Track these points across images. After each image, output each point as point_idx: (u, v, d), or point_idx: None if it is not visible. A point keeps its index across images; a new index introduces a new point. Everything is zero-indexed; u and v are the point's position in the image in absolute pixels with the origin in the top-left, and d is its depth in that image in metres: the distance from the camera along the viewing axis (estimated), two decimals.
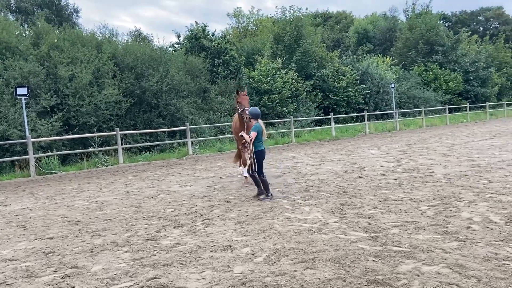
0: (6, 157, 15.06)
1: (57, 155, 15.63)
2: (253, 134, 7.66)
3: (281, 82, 25.47)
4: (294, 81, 26.40)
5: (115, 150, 16.82)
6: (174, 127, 20.02)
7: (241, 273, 4.12)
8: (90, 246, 5.47)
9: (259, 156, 7.78)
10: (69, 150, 16.70)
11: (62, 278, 4.37)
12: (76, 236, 6.08)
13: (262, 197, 7.77)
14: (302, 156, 15.46)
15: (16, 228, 6.93)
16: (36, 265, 4.87)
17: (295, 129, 23.13)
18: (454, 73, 37.93)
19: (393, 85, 30.26)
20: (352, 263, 4.17)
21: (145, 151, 18.76)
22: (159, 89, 19.86)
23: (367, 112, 27.80)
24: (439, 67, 38.25)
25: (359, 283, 3.68)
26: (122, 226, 6.48)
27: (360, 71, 31.42)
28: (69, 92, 16.96)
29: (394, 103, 30.62)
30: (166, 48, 27.65)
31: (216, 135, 22.05)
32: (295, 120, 23.98)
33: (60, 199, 9.46)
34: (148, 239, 5.61)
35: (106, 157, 16.39)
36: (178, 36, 29.68)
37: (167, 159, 17.52)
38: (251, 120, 7.93)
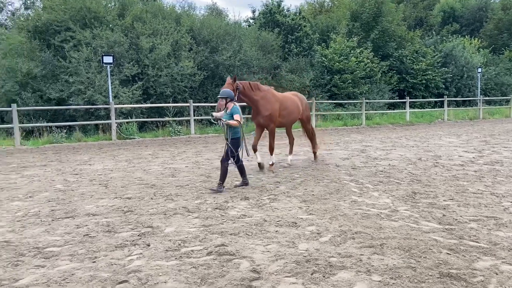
0: (91, 121, 16.36)
1: (135, 121, 16.67)
2: (238, 116, 6.92)
3: (355, 61, 24.56)
4: (369, 61, 25.34)
5: (188, 121, 17.53)
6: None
7: (306, 250, 4.14)
8: (164, 209, 5.81)
9: (237, 143, 7.01)
10: (147, 118, 17.69)
11: (138, 235, 4.70)
12: (151, 199, 6.49)
13: (239, 183, 7.33)
14: (372, 139, 14.95)
15: (98, 186, 7.55)
16: (116, 221, 5.29)
17: (366, 112, 22.34)
18: None
19: (479, 70, 27.86)
20: (424, 253, 3.99)
21: (215, 124, 19.26)
22: (231, 64, 20.16)
23: (447, 97, 25.96)
24: None
25: (430, 275, 3.52)
26: (193, 193, 6.78)
27: (443, 53, 29.29)
28: (149, 62, 17.83)
29: (479, 90, 28.27)
30: (240, 23, 27.83)
31: None
32: (367, 102, 23.14)
33: (138, 163, 10.11)
34: (216, 208, 5.82)
35: (180, 127, 17.17)
36: (253, 11, 29.74)
37: None
38: (228, 103, 7.06)
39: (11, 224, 5.28)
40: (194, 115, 17.50)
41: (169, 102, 18.15)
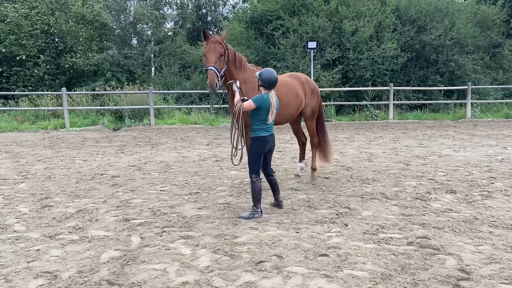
0: None
1: (333, 105, 17.07)
2: (250, 104, 4.68)
3: None
4: None
5: (386, 105, 16.94)
6: (452, 85, 18.30)
7: None
8: (361, 193, 5.83)
9: (255, 144, 4.78)
10: (344, 101, 17.86)
11: (336, 214, 4.87)
12: (348, 181, 6.61)
13: (245, 215, 4.85)
14: None
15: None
16: (315, 198, 5.60)
17: None
18: None
19: None
20: None
21: (416, 109, 18.08)
22: (440, 44, 18.31)
23: None
24: None
25: None
26: (391, 180, 6.58)
27: None
28: (350, 46, 17.84)
29: None
30: None
31: (503, 99, 18.89)
32: None
33: (334, 145, 10.35)
34: (417, 198, 5.51)
35: (377, 111, 16.75)
36: None
37: (440, 119, 16.38)
38: (260, 88, 4.79)
39: (230, 189, 6.23)
40: (393, 99, 16.77)
41: (367, 86, 17.85)
